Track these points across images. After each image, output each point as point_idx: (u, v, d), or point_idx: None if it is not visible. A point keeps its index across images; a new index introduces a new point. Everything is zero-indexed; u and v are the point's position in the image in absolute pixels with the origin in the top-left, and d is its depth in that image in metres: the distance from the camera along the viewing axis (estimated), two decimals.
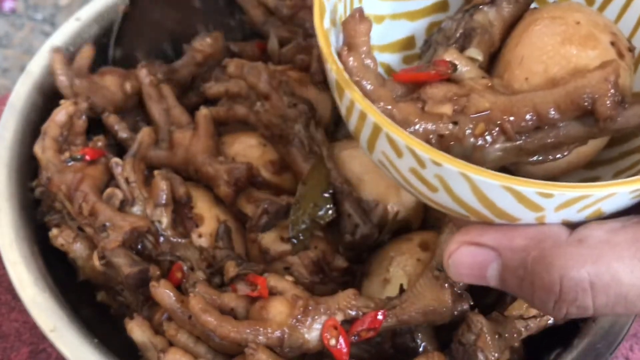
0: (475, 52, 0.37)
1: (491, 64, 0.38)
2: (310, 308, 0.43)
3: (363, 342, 0.45)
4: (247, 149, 0.56)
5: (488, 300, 0.49)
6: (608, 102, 0.30)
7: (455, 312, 0.43)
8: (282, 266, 0.51)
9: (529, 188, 0.28)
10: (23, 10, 1.18)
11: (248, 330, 0.42)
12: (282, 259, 0.50)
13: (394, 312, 0.43)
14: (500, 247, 0.31)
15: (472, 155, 0.32)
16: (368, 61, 0.35)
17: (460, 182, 0.29)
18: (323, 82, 0.57)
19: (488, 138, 0.32)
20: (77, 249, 0.51)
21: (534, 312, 0.46)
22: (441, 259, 0.46)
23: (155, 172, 0.52)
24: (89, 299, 0.53)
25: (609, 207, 0.30)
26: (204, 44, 0.61)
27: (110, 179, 0.53)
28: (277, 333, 0.42)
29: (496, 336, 0.44)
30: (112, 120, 0.57)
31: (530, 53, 0.35)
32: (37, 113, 0.57)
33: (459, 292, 0.42)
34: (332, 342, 0.42)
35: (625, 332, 0.47)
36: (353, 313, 0.43)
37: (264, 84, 0.55)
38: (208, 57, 0.62)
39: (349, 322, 0.43)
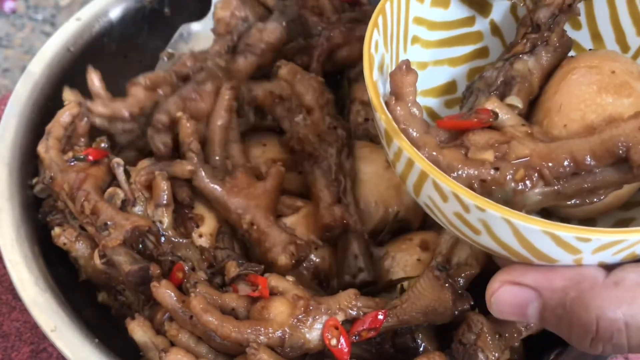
0: (515, 100, 0.39)
1: (530, 111, 0.40)
2: (311, 308, 0.43)
3: (364, 342, 0.45)
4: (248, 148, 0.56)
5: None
6: None
7: (456, 312, 0.43)
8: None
9: (568, 233, 0.30)
10: (24, 10, 1.18)
11: (249, 330, 0.42)
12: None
13: (395, 312, 0.43)
14: (540, 287, 0.33)
15: (512, 199, 0.34)
16: (414, 110, 0.37)
17: (502, 226, 0.31)
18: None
19: (528, 183, 0.33)
20: (79, 248, 0.51)
21: None
22: (441, 259, 0.46)
23: (156, 172, 0.52)
24: (90, 299, 0.53)
25: None
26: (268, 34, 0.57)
27: (113, 179, 0.53)
28: (278, 333, 0.42)
29: (496, 336, 0.44)
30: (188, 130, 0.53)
31: (568, 101, 0.37)
32: (37, 113, 0.57)
33: (459, 292, 0.42)
34: (333, 342, 0.42)
35: None
36: (354, 313, 0.43)
37: (311, 99, 0.54)
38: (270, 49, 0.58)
39: (349, 322, 0.43)
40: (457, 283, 0.43)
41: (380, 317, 0.43)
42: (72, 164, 0.52)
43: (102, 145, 0.55)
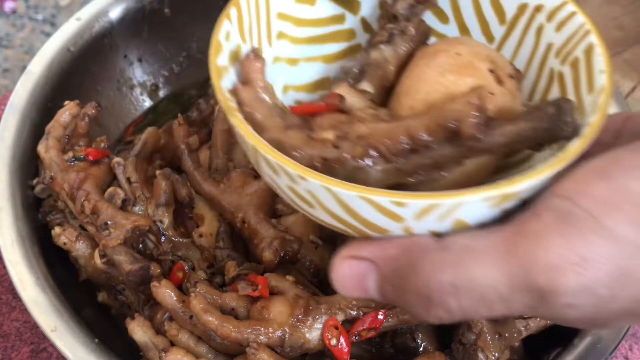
0: (366, 85, 0.40)
1: (387, 98, 0.41)
2: (311, 308, 0.43)
3: (364, 341, 0.45)
4: None
5: None
6: (471, 123, 0.33)
7: None
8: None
9: (383, 197, 0.30)
10: (24, 10, 1.18)
11: (249, 330, 0.42)
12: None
13: (395, 311, 0.43)
14: (375, 258, 0.32)
15: (354, 177, 0.34)
16: (263, 95, 0.37)
17: (326, 195, 0.31)
18: None
19: (367, 160, 0.34)
20: (79, 247, 0.51)
21: None
22: None
23: (157, 172, 0.52)
24: (90, 299, 0.53)
25: (468, 217, 0.31)
26: None
27: (113, 179, 0.53)
28: (278, 333, 0.42)
29: (496, 336, 0.44)
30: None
31: (415, 83, 0.38)
32: (37, 113, 0.57)
33: None
34: (333, 341, 0.42)
35: (625, 332, 0.47)
36: (354, 313, 0.43)
37: None
38: None
39: (349, 322, 0.43)
40: None
41: (380, 317, 0.43)
42: (72, 163, 0.52)
43: (102, 145, 0.55)
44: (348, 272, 0.33)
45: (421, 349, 0.46)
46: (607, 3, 0.86)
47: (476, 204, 0.30)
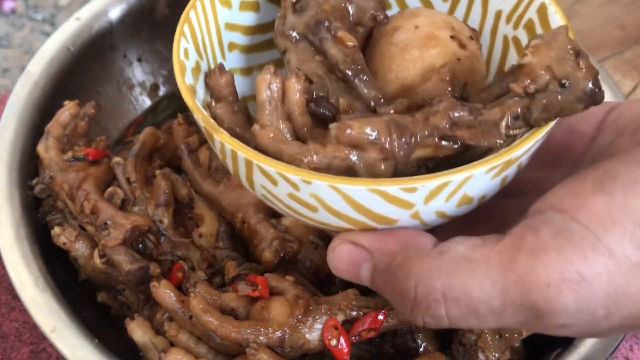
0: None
1: None
2: (311, 308, 0.43)
3: (364, 342, 0.45)
4: None
5: None
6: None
7: None
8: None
9: (393, 186, 0.30)
10: (23, 10, 1.18)
11: (249, 331, 0.42)
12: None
13: (395, 312, 0.43)
14: (373, 248, 0.33)
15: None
16: (236, 108, 0.37)
17: (332, 195, 0.31)
18: None
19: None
20: (79, 247, 0.51)
21: None
22: None
23: (157, 171, 0.52)
24: (90, 299, 0.53)
25: (473, 191, 0.32)
26: None
27: (113, 179, 0.53)
28: (278, 333, 0.42)
29: (497, 336, 0.44)
30: None
31: (382, 64, 0.38)
32: (37, 113, 0.57)
33: None
34: (333, 342, 0.42)
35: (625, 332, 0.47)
36: (354, 313, 0.43)
37: None
38: None
39: (349, 322, 0.43)
40: None
41: (380, 317, 0.43)
42: (72, 163, 0.52)
43: (102, 145, 0.55)
44: (345, 255, 0.33)
45: (421, 349, 0.46)
46: (607, 3, 0.86)
47: (482, 175, 0.31)
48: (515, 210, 0.33)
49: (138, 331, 0.46)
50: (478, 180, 0.31)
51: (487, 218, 0.34)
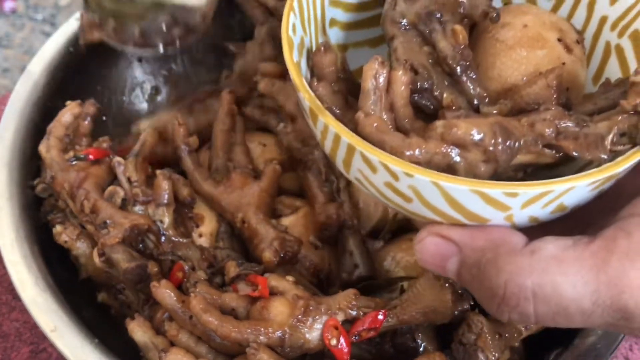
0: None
1: None
2: (311, 308, 0.43)
3: (364, 342, 0.45)
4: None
5: None
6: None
7: (456, 312, 0.43)
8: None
9: (496, 189, 0.31)
10: (23, 10, 1.18)
11: (249, 330, 0.42)
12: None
13: (395, 312, 0.43)
14: (462, 243, 0.33)
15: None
16: (336, 88, 0.37)
17: (431, 190, 0.32)
18: None
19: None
20: (80, 246, 0.51)
21: None
22: None
23: (157, 171, 0.52)
24: (90, 299, 0.53)
25: (570, 201, 0.32)
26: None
27: (114, 179, 0.53)
28: (278, 333, 0.42)
29: (496, 336, 0.44)
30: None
31: (485, 60, 0.38)
32: (37, 113, 0.57)
33: (459, 292, 0.42)
34: (333, 342, 0.42)
35: None
36: (354, 313, 0.43)
37: (293, 106, 0.55)
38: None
39: (349, 322, 0.43)
40: (456, 283, 0.43)
41: (380, 317, 0.43)
42: (73, 163, 0.52)
43: (105, 145, 0.55)
44: (433, 248, 0.34)
45: (421, 349, 0.46)
46: None
47: (583, 188, 0.31)
48: (595, 210, 0.33)
49: (138, 331, 0.46)
50: (578, 191, 0.32)
51: (574, 217, 0.35)
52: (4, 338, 0.57)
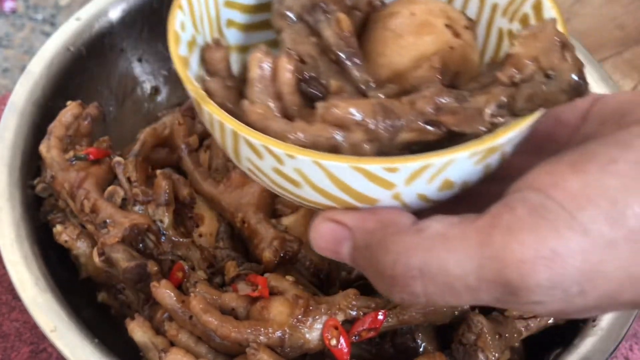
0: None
1: None
2: (311, 308, 0.43)
3: (364, 342, 0.45)
4: None
5: None
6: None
7: (456, 312, 0.43)
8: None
9: (375, 165, 0.30)
10: (23, 10, 1.18)
11: (249, 330, 0.42)
12: None
13: (395, 312, 0.43)
14: (354, 226, 0.33)
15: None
16: (229, 84, 0.37)
17: (315, 171, 0.31)
18: None
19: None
20: (80, 246, 0.51)
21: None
22: None
23: (158, 171, 0.52)
24: (90, 299, 0.53)
25: (455, 176, 0.32)
26: None
27: (114, 178, 0.53)
28: (278, 333, 0.42)
29: (496, 336, 0.44)
30: None
31: (375, 49, 0.38)
32: (37, 113, 0.57)
33: None
34: (333, 342, 0.42)
35: (625, 332, 0.47)
36: (354, 313, 0.43)
37: None
38: None
39: (349, 322, 0.43)
40: None
41: (380, 317, 0.43)
42: (73, 163, 0.52)
43: (105, 145, 0.55)
44: (327, 233, 0.34)
45: (421, 349, 0.46)
46: (607, 3, 0.86)
47: (464, 160, 0.31)
48: (499, 195, 0.33)
49: (138, 331, 0.46)
50: (460, 165, 0.31)
51: (472, 203, 0.35)
52: (4, 338, 0.57)
